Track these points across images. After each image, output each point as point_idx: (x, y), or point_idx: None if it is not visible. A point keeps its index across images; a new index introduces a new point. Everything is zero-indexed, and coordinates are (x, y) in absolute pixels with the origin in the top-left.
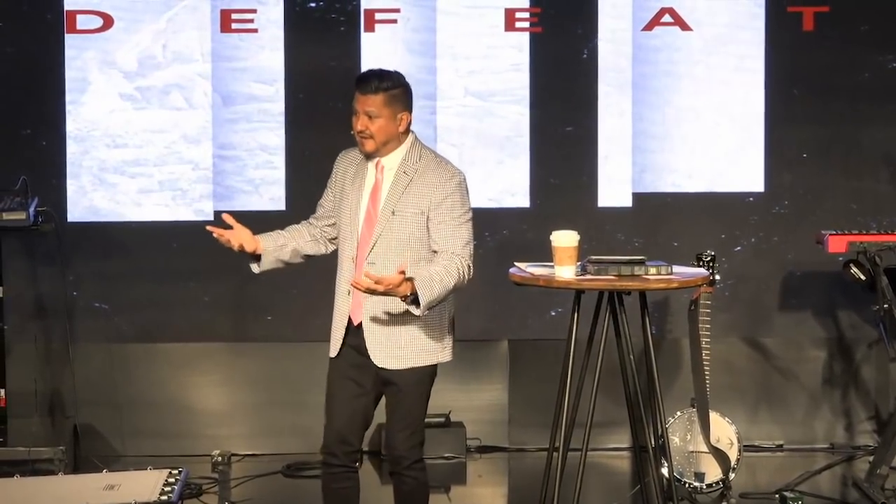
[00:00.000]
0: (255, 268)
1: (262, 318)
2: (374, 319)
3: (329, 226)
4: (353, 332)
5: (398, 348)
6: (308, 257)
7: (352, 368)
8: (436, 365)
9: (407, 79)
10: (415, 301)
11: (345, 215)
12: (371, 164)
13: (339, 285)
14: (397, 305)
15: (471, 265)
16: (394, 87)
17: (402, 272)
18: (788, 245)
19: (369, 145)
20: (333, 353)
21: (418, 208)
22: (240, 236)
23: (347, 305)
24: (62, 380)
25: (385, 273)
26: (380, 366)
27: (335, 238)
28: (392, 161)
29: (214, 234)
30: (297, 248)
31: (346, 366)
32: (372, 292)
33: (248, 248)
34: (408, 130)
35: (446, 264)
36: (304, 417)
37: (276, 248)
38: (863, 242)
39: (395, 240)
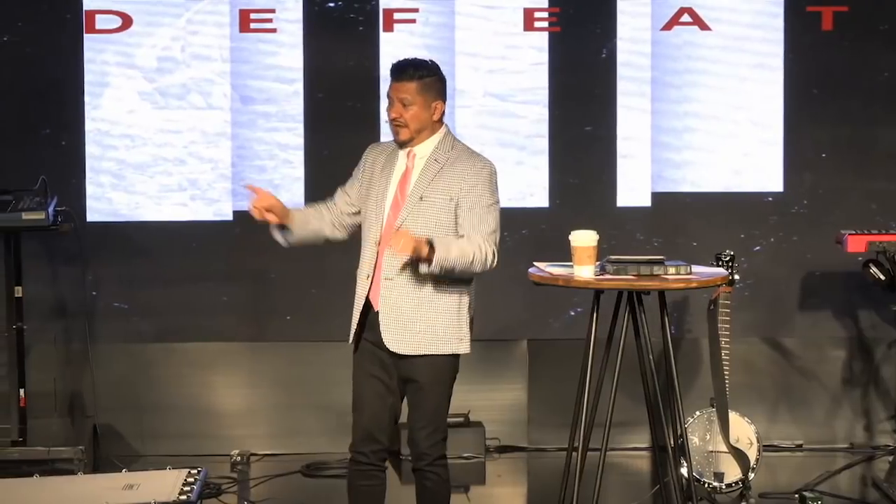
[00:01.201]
0: (281, 240)
1: (282, 318)
2: (391, 304)
3: (348, 214)
4: (372, 320)
5: (413, 334)
6: (326, 240)
7: (376, 366)
8: (455, 358)
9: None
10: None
11: (371, 201)
12: (402, 153)
13: (361, 270)
14: (415, 292)
15: (496, 252)
16: (428, 75)
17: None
18: (808, 245)
19: (404, 133)
20: (351, 338)
21: (447, 195)
22: (271, 202)
23: (366, 289)
24: (82, 380)
25: (405, 258)
26: (392, 350)
27: (352, 226)
28: (424, 150)
29: (251, 191)
30: (319, 228)
31: (370, 364)
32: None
33: (278, 215)
34: (441, 120)
35: (469, 239)
36: (323, 417)
37: (303, 223)
38: (882, 242)
39: (421, 225)
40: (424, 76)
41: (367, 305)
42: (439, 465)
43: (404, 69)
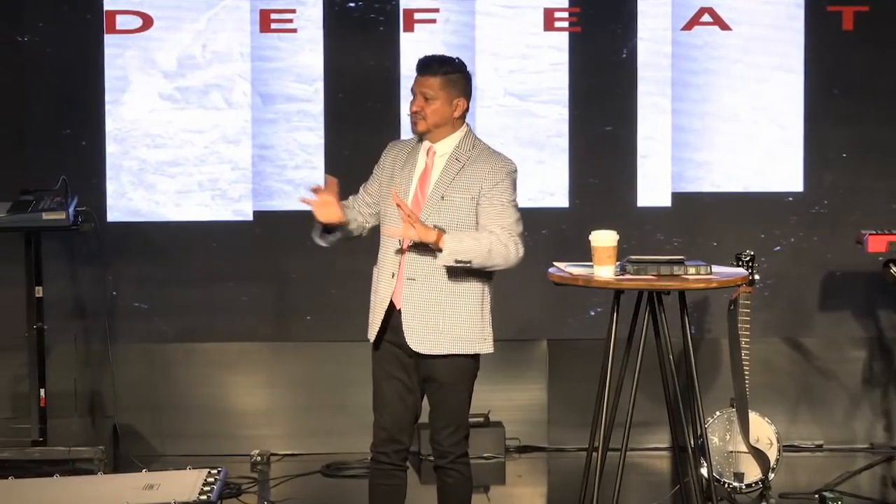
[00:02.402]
0: (321, 241)
1: (302, 318)
2: (414, 304)
3: (370, 214)
4: (395, 320)
5: (437, 334)
6: (353, 238)
7: (396, 367)
8: (476, 358)
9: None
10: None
11: (390, 200)
12: (422, 151)
13: (381, 269)
14: (438, 292)
15: (519, 245)
16: (453, 71)
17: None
18: (828, 245)
19: (421, 125)
20: (372, 337)
21: (468, 193)
22: (332, 210)
23: (390, 289)
24: (102, 380)
25: (430, 256)
26: (415, 350)
27: (370, 225)
28: (444, 147)
29: (315, 191)
30: (363, 222)
31: (390, 364)
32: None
33: (334, 219)
34: (463, 118)
35: (487, 231)
36: (343, 417)
37: (346, 229)
38: None
39: (442, 224)
40: (449, 72)
41: (391, 306)
42: (461, 463)
43: (429, 64)
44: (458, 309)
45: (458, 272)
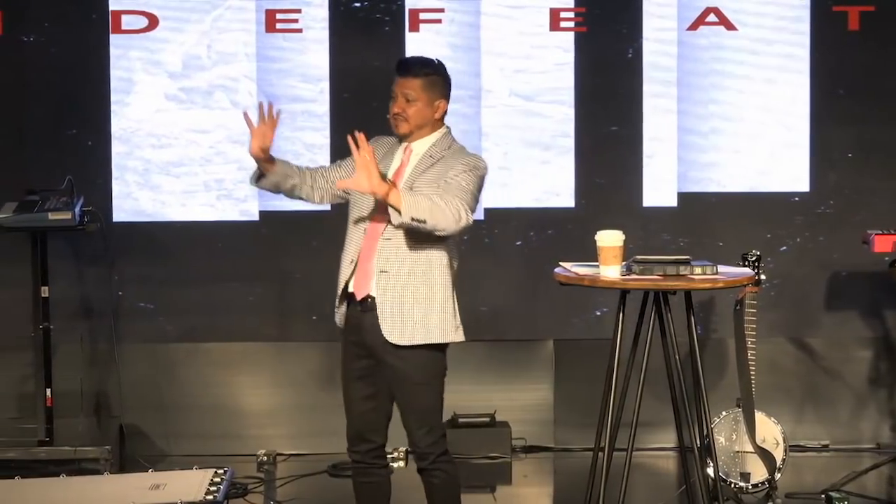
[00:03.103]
0: (252, 179)
1: (307, 317)
2: (389, 297)
3: (324, 188)
4: (355, 318)
5: (410, 324)
6: (297, 198)
7: (361, 368)
8: (444, 353)
9: (451, 79)
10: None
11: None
12: (400, 149)
13: (346, 254)
14: (411, 283)
15: (468, 210)
16: (434, 73)
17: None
18: (834, 245)
19: (404, 127)
20: (338, 321)
21: (436, 183)
22: (266, 137)
23: (348, 274)
24: (108, 380)
25: (403, 247)
26: (392, 341)
27: (330, 197)
28: (421, 147)
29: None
30: (296, 185)
31: (354, 365)
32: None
33: (260, 151)
34: (443, 119)
35: (439, 194)
36: None
37: (283, 174)
38: None
39: None
40: (429, 73)
41: (350, 296)
42: (444, 462)
43: (409, 66)
44: (431, 299)
45: (427, 263)
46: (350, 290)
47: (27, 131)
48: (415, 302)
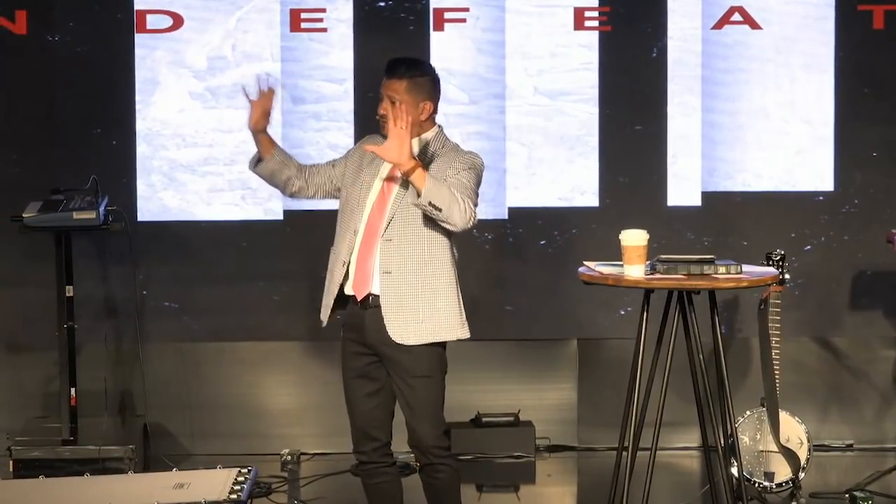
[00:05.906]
0: (251, 164)
1: (332, 316)
2: (393, 297)
3: (319, 183)
4: (356, 317)
5: (417, 324)
6: (291, 194)
7: (362, 366)
8: (444, 350)
9: (476, 78)
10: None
11: (354, 190)
12: None
13: (337, 255)
14: (414, 282)
15: (475, 211)
16: (420, 75)
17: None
18: (858, 244)
19: (388, 128)
20: (324, 318)
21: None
22: (265, 107)
23: (341, 276)
24: (132, 379)
25: (405, 247)
26: (399, 342)
27: (323, 192)
28: (412, 147)
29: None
30: (291, 177)
31: (354, 363)
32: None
33: (261, 126)
34: (431, 120)
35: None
36: None
37: (280, 162)
38: None
39: (412, 214)
40: (416, 75)
41: (346, 298)
42: (448, 457)
43: (396, 67)
44: (436, 297)
45: (430, 261)
46: (347, 292)
47: (52, 131)
48: (422, 302)
